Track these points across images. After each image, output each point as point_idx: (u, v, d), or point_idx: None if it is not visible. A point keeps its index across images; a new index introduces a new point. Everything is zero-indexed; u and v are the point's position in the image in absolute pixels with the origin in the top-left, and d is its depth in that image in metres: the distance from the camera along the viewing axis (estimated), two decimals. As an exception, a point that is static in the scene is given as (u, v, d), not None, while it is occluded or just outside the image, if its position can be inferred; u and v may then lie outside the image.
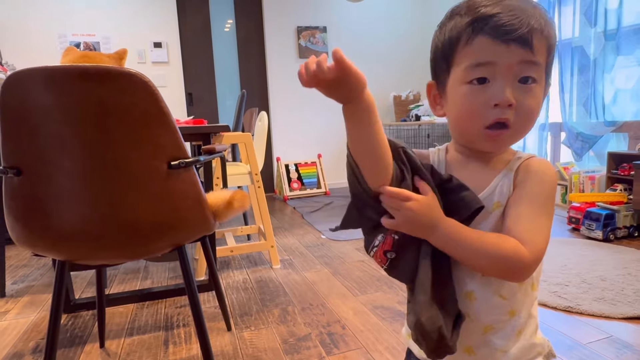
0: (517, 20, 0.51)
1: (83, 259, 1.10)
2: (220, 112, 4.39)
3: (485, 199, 0.56)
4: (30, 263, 2.48)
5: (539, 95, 0.54)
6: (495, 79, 0.52)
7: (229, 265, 2.32)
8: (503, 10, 0.52)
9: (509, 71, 0.52)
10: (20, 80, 0.93)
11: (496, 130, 0.53)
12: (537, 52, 0.52)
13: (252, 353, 1.41)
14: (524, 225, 0.52)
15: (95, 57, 1.28)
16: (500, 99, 0.52)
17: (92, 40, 3.82)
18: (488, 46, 0.52)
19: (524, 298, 0.58)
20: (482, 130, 0.54)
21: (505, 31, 0.51)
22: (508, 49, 0.51)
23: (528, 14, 0.52)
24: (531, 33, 0.51)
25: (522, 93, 0.52)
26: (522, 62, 0.52)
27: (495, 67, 0.52)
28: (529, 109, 0.53)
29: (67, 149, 0.96)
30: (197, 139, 1.90)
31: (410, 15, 4.75)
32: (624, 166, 2.68)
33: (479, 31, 0.52)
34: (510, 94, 0.52)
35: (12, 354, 1.46)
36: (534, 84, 0.53)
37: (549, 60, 0.55)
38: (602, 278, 1.85)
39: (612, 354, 1.31)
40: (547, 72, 0.56)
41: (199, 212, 1.10)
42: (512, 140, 0.56)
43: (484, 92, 0.53)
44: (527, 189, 0.55)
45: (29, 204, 1.00)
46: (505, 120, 0.53)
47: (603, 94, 2.94)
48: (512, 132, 0.54)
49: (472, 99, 0.54)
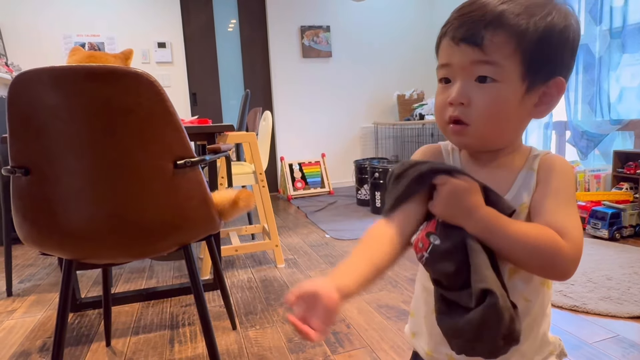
0: (470, 20, 0.52)
1: (89, 258, 1.11)
2: (224, 112, 4.39)
3: (512, 199, 0.55)
4: (36, 262, 2.49)
5: (501, 94, 0.53)
6: (454, 79, 0.55)
7: (234, 265, 2.32)
8: (467, 11, 0.53)
9: (464, 71, 0.54)
10: (27, 80, 0.93)
11: (456, 125, 0.55)
12: (492, 50, 0.51)
13: (257, 352, 1.41)
14: (559, 218, 0.51)
15: (101, 57, 1.29)
16: (451, 98, 0.54)
17: (96, 40, 3.84)
18: (447, 48, 0.55)
19: (542, 299, 0.58)
20: (446, 126, 0.57)
21: (456, 33, 0.53)
22: (460, 49, 0.53)
23: (490, 10, 0.52)
24: (481, 32, 0.51)
25: (477, 91, 0.53)
26: (475, 62, 0.53)
27: (452, 68, 0.55)
28: (483, 107, 0.53)
29: (74, 148, 0.96)
30: (201, 138, 1.90)
31: (414, 14, 4.74)
32: (630, 165, 2.66)
33: (445, 34, 0.56)
34: (462, 94, 0.54)
35: (19, 353, 1.47)
36: (493, 83, 0.52)
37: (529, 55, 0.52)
38: (608, 277, 1.84)
39: (619, 353, 1.30)
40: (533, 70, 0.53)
41: (205, 211, 1.10)
42: (476, 135, 0.55)
43: (447, 90, 0.56)
44: (554, 185, 0.54)
45: (37, 203, 1.00)
46: (456, 118, 0.55)
47: (608, 92, 2.92)
48: (474, 128, 0.54)
49: (438, 97, 0.58)
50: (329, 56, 4.51)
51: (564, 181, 0.55)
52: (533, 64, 0.52)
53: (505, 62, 0.52)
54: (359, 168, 3.71)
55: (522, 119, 0.56)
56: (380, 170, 3.32)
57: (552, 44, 0.53)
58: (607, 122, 2.94)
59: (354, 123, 4.70)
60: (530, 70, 0.52)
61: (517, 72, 0.52)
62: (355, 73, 4.63)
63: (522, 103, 0.54)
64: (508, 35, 0.51)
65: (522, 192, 0.56)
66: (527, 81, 0.53)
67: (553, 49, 0.53)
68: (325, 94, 4.57)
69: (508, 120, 0.54)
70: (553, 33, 0.52)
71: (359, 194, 3.74)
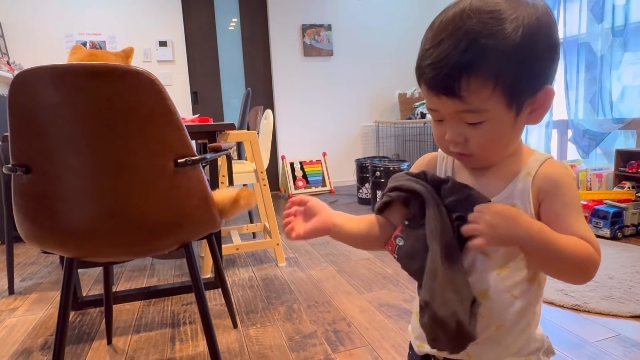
0: (442, 72, 0.50)
1: (91, 256, 1.11)
2: (225, 111, 4.39)
3: (502, 201, 0.57)
4: (38, 261, 2.50)
5: (494, 128, 0.53)
6: (445, 120, 0.56)
7: (235, 263, 2.32)
8: (435, 57, 0.51)
9: (452, 118, 0.55)
10: (28, 78, 0.93)
11: (461, 156, 0.57)
12: (472, 99, 0.51)
13: (258, 350, 1.41)
14: (580, 230, 0.53)
15: (102, 55, 1.29)
16: (448, 138, 0.56)
17: (98, 39, 3.84)
18: (428, 96, 0.55)
19: (532, 296, 0.59)
20: (449, 153, 0.59)
21: (432, 85, 0.53)
22: (440, 100, 0.53)
23: (457, 54, 0.49)
24: (456, 84, 0.50)
25: (470, 132, 0.54)
26: (459, 112, 0.53)
27: (440, 113, 0.56)
28: (481, 143, 0.54)
29: (75, 146, 0.96)
30: (202, 137, 1.90)
31: (416, 12, 4.73)
32: (632, 163, 2.66)
33: (420, 79, 0.55)
34: (456, 134, 0.55)
35: (21, 351, 1.48)
36: (483, 122, 0.53)
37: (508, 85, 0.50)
38: (610, 276, 1.84)
39: (620, 352, 1.30)
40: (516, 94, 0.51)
41: (206, 209, 1.10)
42: (481, 160, 0.57)
43: (441, 126, 0.57)
44: (568, 199, 0.55)
45: (38, 202, 1.00)
46: (458, 153, 0.57)
47: (610, 90, 2.91)
48: (477, 157, 0.56)
49: (436, 132, 0.59)
50: (330, 55, 4.50)
51: (573, 193, 0.56)
52: (514, 90, 0.51)
53: (486, 105, 0.51)
54: (360, 167, 3.71)
55: (518, 133, 0.57)
56: (382, 169, 3.32)
57: (528, 63, 0.51)
58: (609, 120, 2.93)
59: (355, 122, 4.70)
60: (514, 96, 0.52)
61: (502, 106, 0.52)
62: (356, 72, 4.62)
63: (515, 124, 0.54)
64: (482, 78, 0.50)
65: (516, 195, 0.57)
66: (514, 106, 0.52)
67: (532, 66, 0.51)
68: (326, 92, 4.57)
69: (506, 143, 0.56)
70: (526, 52, 0.50)
71: (360, 193, 3.74)
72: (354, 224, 0.65)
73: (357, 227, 0.65)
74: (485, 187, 0.58)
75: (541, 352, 0.61)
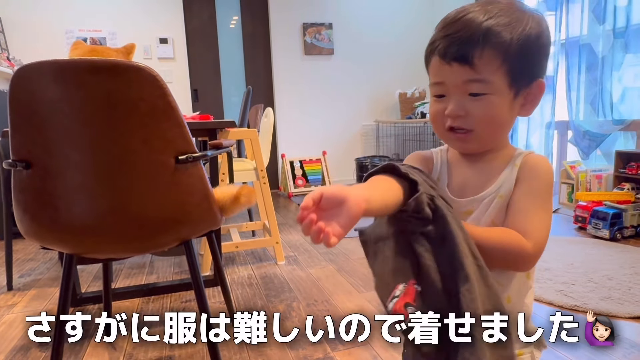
0: (458, 40, 0.56)
1: (90, 253, 1.11)
2: (225, 109, 4.39)
3: (493, 193, 0.61)
4: (37, 257, 2.49)
5: (494, 103, 0.57)
6: (449, 94, 0.59)
7: (234, 261, 2.32)
8: (454, 30, 0.57)
9: (457, 88, 0.58)
10: (29, 74, 0.93)
11: (459, 133, 0.60)
12: (482, 68, 0.56)
13: (256, 348, 1.41)
14: (525, 219, 0.57)
15: (103, 51, 1.28)
16: (450, 111, 0.59)
17: (98, 35, 3.83)
18: (438, 66, 0.59)
19: (519, 286, 0.62)
20: (446, 133, 0.61)
21: (447, 53, 0.57)
22: (451, 68, 0.57)
23: (476, 27, 0.55)
24: (471, 51, 0.55)
25: (472, 104, 0.58)
26: (467, 81, 0.57)
27: (446, 86, 0.59)
28: (482, 117, 0.58)
29: (76, 142, 0.96)
30: (203, 134, 1.90)
31: (417, 11, 4.73)
32: (632, 165, 2.66)
33: (434, 52, 0.59)
34: (457, 107, 0.58)
35: (19, 347, 1.47)
36: (486, 95, 0.57)
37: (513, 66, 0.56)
38: (609, 277, 1.84)
39: (619, 353, 1.30)
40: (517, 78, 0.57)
41: (206, 206, 1.10)
42: (480, 140, 0.60)
43: (442, 103, 0.60)
44: (527, 186, 0.59)
45: (38, 197, 1.00)
46: (457, 127, 0.59)
47: (611, 92, 2.91)
48: (476, 135, 0.59)
49: (434, 108, 0.62)
50: (331, 53, 4.49)
51: (537, 182, 0.59)
52: (517, 73, 0.57)
53: (493, 77, 0.56)
54: (360, 166, 3.71)
55: (512, 120, 0.61)
56: (382, 169, 3.31)
57: (531, 52, 0.58)
58: (609, 122, 2.93)
59: (355, 121, 4.69)
60: (515, 79, 0.58)
61: (504, 83, 0.57)
62: (357, 71, 4.61)
63: (512, 107, 0.59)
64: (494, 51, 0.56)
65: (503, 185, 0.60)
66: (514, 89, 0.58)
67: (532, 57, 0.59)
68: (326, 91, 4.56)
69: (502, 123, 0.60)
70: (531, 42, 0.57)
71: (360, 192, 3.73)
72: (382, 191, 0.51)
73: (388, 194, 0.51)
74: (478, 178, 0.63)
75: (533, 345, 0.63)
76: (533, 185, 0.59)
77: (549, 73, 3.37)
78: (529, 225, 0.56)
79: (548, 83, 3.39)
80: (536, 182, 0.59)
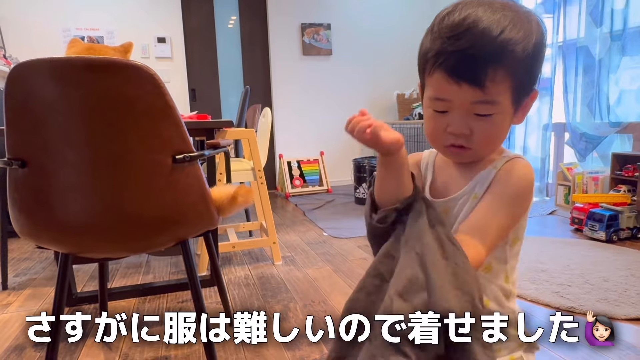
0: (470, 60, 0.52)
1: (86, 252, 1.10)
2: (223, 109, 4.38)
3: (468, 193, 0.61)
4: (32, 256, 2.48)
5: (499, 123, 0.57)
6: (452, 111, 0.57)
7: (231, 261, 2.32)
8: (465, 44, 0.52)
9: (463, 107, 0.56)
10: (25, 71, 0.92)
11: (458, 149, 0.59)
12: (492, 90, 0.53)
13: (253, 349, 1.41)
14: (482, 218, 0.57)
15: (100, 49, 1.27)
16: (453, 130, 0.57)
17: (96, 34, 3.82)
18: (443, 83, 0.55)
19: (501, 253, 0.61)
20: (445, 149, 0.60)
21: (457, 72, 0.53)
22: (460, 88, 0.54)
23: (490, 42, 0.52)
24: (484, 73, 0.52)
25: (478, 122, 0.56)
26: (475, 102, 0.55)
27: (450, 104, 0.56)
28: (485, 136, 0.57)
29: (72, 140, 0.95)
30: (200, 134, 1.89)
31: (415, 13, 4.73)
32: (628, 167, 2.67)
33: (439, 66, 0.55)
34: (463, 126, 0.56)
35: (14, 347, 1.46)
36: (491, 115, 0.56)
37: (519, 84, 0.55)
38: (605, 279, 1.84)
39: (615, 354, 1.30)
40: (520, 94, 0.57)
41: (203, 206, 1.09)
42: (478, 155, 0.60)
43: (443, 119, 0.57)
44: (495, 188, 0.59)
45: (34, 196, 0.99)
46: (459, 145, 0.58)
47: (608, 94, 2.93)
48: (474, 151, 0.59)
49: (434, 124, 0.59)
50: (329, 54, 4.50)
51: (511, 188, 0.58)
52: (522, 89, 0.57)
53: (500, 98, 0.55)
54: (357, 166, 3.71)
55: (508, 131, 0.61)
56: (379, 169, 3.31)
57: (536, 65, 0.57)
58: (606, 124, 2.94)
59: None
60: (519, 95, 0.57)
61: (509, 102, 0.56)
62: (355, 71, 4.62)
63: (511, 121, 0.60)
64: (506, 71, 0.53)
65: (478, 185, 0.60)
66: (515, 105, 0.58)
67: (536, 69, 0.58)
68: (324, 92, 4.56)
69: (502, 139, 0.60)
70: (536, 55, 0.56)
71: (357, 193, 3.74)
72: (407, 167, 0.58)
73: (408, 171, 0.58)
74: (460, 178, 0.62)
75: (522, 349, 0.61)
76: (500, 189, 0.58)
77: (546, 75, 3.39)
78: (481, 223, 0.56)
79: (545, 85, 3.41)
80: (504, 187, 0.58)
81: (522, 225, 0.62)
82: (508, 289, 0.62)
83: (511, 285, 0.62)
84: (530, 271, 1.95)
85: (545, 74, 3.42)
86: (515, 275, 0.63)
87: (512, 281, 0.63)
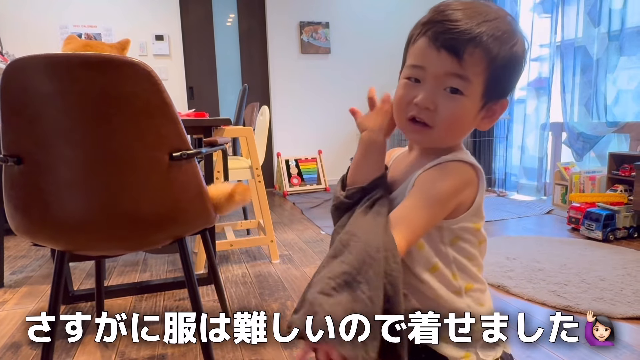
0: (455, 30, 0.54)
1: (83, 250, 1.09)
2: (221, 107, 4.37)
3: (402, 192, 0.61)
4: (29, 254, 2.47)
5: (465, 107, 0.57)
6: (425, 82, 0.58)
7: (228, 260, 2.31)
8: (454, 18, 0.55)
9: (436, 79, 0.57)
10: (21, 67, 0.92)
11: (419, 125, 0.59)
12: (468, 66, 0.55)
13: (250, 347, 1.41)
14: (403, 209, 0.57)
15: (97, 46, 1.27)
16: (420, 100, 0.57)
17: (93, 31, 3.80)
18: (424, 49, 0.57)
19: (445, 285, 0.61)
20: (406, 122, 0.60)
21: (441, 37, 0.55)
22: (438, 55, 0.56)
23: (471, 27, 0.54)
24: (465, 44, 0.54)
25: (446, 100, 0.57)
26: (449, 74, 0.56)
27: (425, 72, 0.57)
28: (448, 115, 0.57)
29: (68, 137, 0.95)
30: (198, 131, 1.88)
31: (414, 10, 4.71)
32: (625, 167, 2.68)
33: (424, 33, 0.57)
34: (429, 99, 0.57)
35: (10, 344, 1.46)
36: (460, 95, 0.57)
37: (493, 77, 0.57)
38: (602, 278, 1.85)
39: (611, 353, 1.31)
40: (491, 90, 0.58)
41: (200, 204, 1.09)
42: (436, 137, 0.59)
43: (414, 89, 0.59)
44: (427, 182, 0.59)
45: (29, 193, 0.99)
46: (419, 119, 0.58)
47: (605, 94, 2.93)
48: (435, 132, 0.58)
49: (403, 92, 0.60)
50: (328, 52, 4.49)
51: (437, 181, 0.58)
52: (493, 85, 0.58)
53: (474, 79, 0.56)
54: (355, 165, 3.70)
55: (470, 128, 0.63)
56: (377, 168, 3.31)
57: (511, 71, 0.59)
58: (603, 124, 2.95)
59: (351, 120, 4.52)
60: (490, 90, 0.58)
61: (480, 90, 0.57)
62: (353, 70, 4.61)
63: (476, 116, 0.60)
64: (482, 55, 0.55)
65: (410, 184, 0.61)
66: (484, 99, 0.59)
67: (510, 76, 0.59)
68: (323, 90, 4.55)
69: (463, 128, 0.61)
70: (514, 62, 0.58)
71: (355, 192, 3.73)
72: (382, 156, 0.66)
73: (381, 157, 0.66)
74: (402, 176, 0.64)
75: (478, 347, 0.60)
76: (429, 184, 0.58)
77: (544, 75, 3.40)
78: (399, 214, 0.57)
79: (543, 85, 3.41)
80: (433, 182, 0.58)
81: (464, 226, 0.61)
82: (458, 285, 0.61)
83: (461, 282, 0.62)
84: (527, 270, 1.96)
85: (543, 73, 3.43)
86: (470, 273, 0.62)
87: (459, 278, 0.62)
